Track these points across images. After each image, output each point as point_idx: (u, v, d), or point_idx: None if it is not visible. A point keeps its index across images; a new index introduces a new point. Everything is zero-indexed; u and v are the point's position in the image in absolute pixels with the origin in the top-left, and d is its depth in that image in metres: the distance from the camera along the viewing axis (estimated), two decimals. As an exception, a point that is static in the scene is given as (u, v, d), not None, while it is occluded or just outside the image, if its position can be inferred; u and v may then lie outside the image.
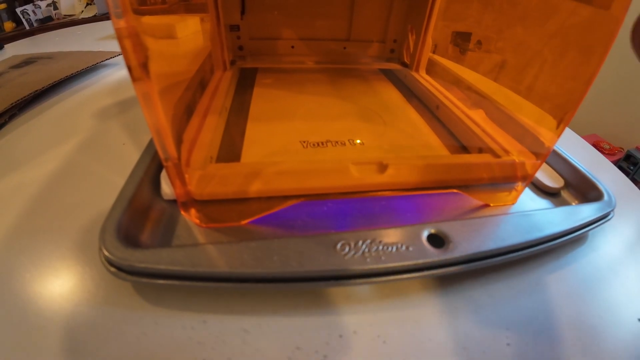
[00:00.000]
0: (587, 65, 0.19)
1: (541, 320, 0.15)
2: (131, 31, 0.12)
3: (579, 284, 0.17)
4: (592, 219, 0.19)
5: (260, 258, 0.13)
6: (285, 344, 0.13)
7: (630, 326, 0.15)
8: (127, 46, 0.12)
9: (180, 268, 0.13)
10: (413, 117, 0.30)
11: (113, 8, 0.11)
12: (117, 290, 0.15)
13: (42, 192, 0.21)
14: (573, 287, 0.17)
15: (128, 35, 0.12)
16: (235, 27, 0.36)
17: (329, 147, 0.24)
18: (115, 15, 0.11)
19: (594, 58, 0.18)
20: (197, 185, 0.18)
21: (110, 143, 0.26)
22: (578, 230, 0.18)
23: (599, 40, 0.18)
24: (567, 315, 0.15)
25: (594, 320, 0.15)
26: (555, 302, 0.16)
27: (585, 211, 0.19)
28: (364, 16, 0.38)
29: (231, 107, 0.29)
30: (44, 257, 0.17)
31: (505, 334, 0.14)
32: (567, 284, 0.17)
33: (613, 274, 0.18)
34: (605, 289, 0.17)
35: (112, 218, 0.15)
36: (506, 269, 0.17)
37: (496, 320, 0.15)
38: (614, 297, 0.16)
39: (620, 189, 0.26)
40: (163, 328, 0.13)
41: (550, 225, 0.17)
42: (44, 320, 0.14)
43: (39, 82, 0.37)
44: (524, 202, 0.21)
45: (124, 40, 0.12)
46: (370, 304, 0.15)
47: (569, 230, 0.18)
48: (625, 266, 0.18)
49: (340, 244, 0.14)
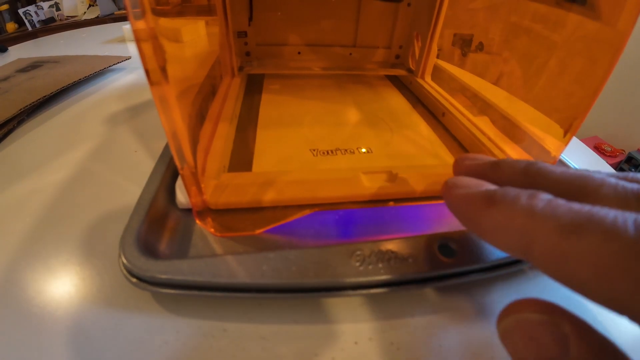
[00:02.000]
0: (594, 76, 0.19)
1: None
2: (151, 33, 0.11)
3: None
4: None
5: (279, 269, 0.13)
6: (303, 351, 0.13)
7: (635, 331, 0.15)
8: (146, 49, 0.11)
9: (202, 279, 0.13)
10: (419, 124, 0.30)
11: (132, 8, 0.11)
12: (136, 299, 0.15)
13: (53, 199, 0.22)
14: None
15: (147, 37, 0.11)
16: (243, 33, 0.36)
17: (338, 155, 0.24)
18: (134, 15, 0.11)
19: (600, 70, 0.19)
20: (212, 194, 0.18)
21: (122, 150, 0.27)
22: None
23: (605, 53, 0.18)
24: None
25: (606, 329, 0.16)
26: (569, 309, 0.16)
27: None
28: (370, 22, 0.39)
29: (240, 113, 0.30)
30: (60, 265, 0.17)
31: (515, 341, 0.15)
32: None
33: None
34: None
35: (131, 228, 0.16)
36: (516, 277, 0.17)
37: (506, 328, 0.15)
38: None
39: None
40: (184, 336, 0.14)
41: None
42: (64, 329, 0.14)
43: (47, 88, 0.38)
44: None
45: (143, 43, 0.11)
46: (384, 312, 0.15)
47: None
48: None
49: (355, 255, 0.14)
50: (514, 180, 0.12)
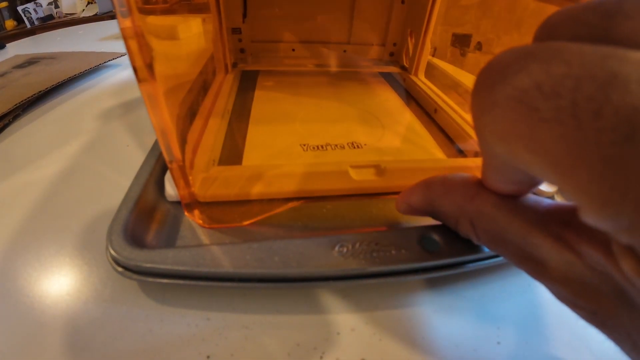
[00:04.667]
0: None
1: (532, 320, 0.16)
2: (137, 31, 0.12)
3: None
4: None
5: (263, 259, 0.13)
6: (285, 340, 0.14)
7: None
8: (133, 46, 0.12)
9: (186, 268, 0.13)
10: (411, 121, 0.30)
11: (118, 7, 0.11)
12: (123, 289, 0.16)
13: (46, 192, 0.22)
14: None
15: (134, 35, 0.12)
16: (237, 29, 0.37)
17: (328, 150, 0.24)
18: (120, 14, 0.11)
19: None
20: (200, 187, 0.18)
21: (114, 144, 0.27)
22: None
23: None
24: (558, 316, 0.16)
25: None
26: (547, 302, 0.17)
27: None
28: (364, 19, 0.39)
29: (233, 109, 0.30)
30: (50, 256, 0.17)
31: (496, 332, 0.15)
32: None
33: None
34: None
35: (119, 219, 0.16)
36: (499, 271, 0.18)
37: (488, 319, 0.15)
38: None
39: None
40: (168, 325, 0.14)
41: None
42: (52, 318, 0.14)
43: (43, 83, 0.38)
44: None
45: (130, 41, 0.11)
46: (367, 303, 0.15)
47: None
48: None
49: (339, 246, 0.14)
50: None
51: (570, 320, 0.16)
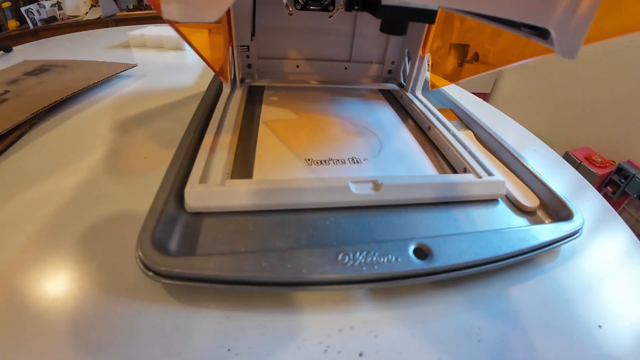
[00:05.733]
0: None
1: (510, 321, 0.18)
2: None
3: (548, 292, 0.20)
4: (561, 236, 0.21)
5: (277, 266, 0.16)
6: (295, 336, 0.16)
7: (592, 331, 0.18)
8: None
9: (211, 273, 0.15)
10: (407, 137, 0.33)
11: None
12: (150, 292, 0.18)
13: (67, 202, 0.23)
14: (542, 294, 0.19)
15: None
16: (245, 47, 0.39)
17: (330, 165, 0.27)
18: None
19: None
20: (216, 199, 0.21)
21: (132, 156, 0.29)
22: (548, 246, 0.21)
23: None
24: (535, 319, 0.18)
25: (560, 324, 0.18)
26: (525, 307, 0.19)
27: (555, 229, 0.21)
28: (365, 39, 0.42)
29: (242, 124, 0.32)
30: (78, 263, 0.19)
31: (477, 332, 0.17)
32: (537, 292, 0.20)
33: (579, 285, 0.20)
34: (572, 297, 0.19)
35: (147, 228, 0.18)
36: (482, 278, 0.20)
37: (470, 320, 0.18)
38: (579, 305, 0.19)
39: (595, 205, 0.29)
40: (194, 322, 0.16)
41: (522, 240, 0.20)
42: (86, 318, 0.16)
43: (59, 93, 0.40)
44: (503, 220, 0.24)
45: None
46: (365, 305, 0.18)
47: (539, 245, 0.21)
48: (591, 277, 0.21)
49: (341, 255, 0.17)
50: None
51: (547, 323, 0.18)
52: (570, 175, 0.33)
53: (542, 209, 0.26)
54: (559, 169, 0.34)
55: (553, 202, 0.25)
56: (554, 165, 0.35)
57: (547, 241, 0.21)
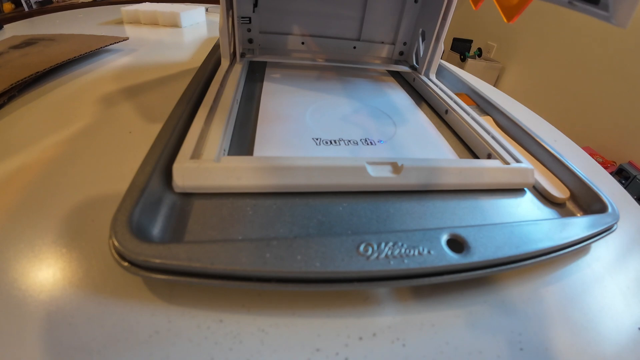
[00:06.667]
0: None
1: (551, 326, 0.15)
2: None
3: (583, 292, 0.17)
4: (597, 231, 0.19)
5: (284, 257, 0.12)
6: (304, 345, 0.13)
7: (632, 334, 0.15)
8: None
9: (199, 265, 0.12)
10: (422, 120, 0.30)
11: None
12: (125, 285, 0.14)
13: (42, 177, 0.21)
14: (576, 294, 0.17)
15: None
16: (247, 19, 0.35)
17: (342, 146, 0.24)
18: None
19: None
20: (208, 177, 0.17)
21: (116, 131, 0.25)
22: (584, 242, 0.18)
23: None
24: (574, 322, 0.15)
25: (599, 327, 0.15)
26: (562, 308, 0.16)
27: (591, 223, 0.19)
28: (376, 17, 0.38)
29: (241, 100, 0.29)
30: (45, 246, 0.16)
31: (518, 338, 0.14)
32: (571, 292, 0.17)
33: (614, 284, 0.18)
34: (607, 297, 0.17)
35: (124, 209, 0.15)
36: (516, 276, 0.17)
37: (509, 324, 0.15)
38: (617, 306, 0.17)
39: (618, 200, 0.26)
40: (177, 327, 0.13)
41: (563, 233, 0.18)
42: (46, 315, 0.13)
43: (40, 64, 0.36)
44: (532, 211, 0.21)
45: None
46: (389, 307, 0.14)
47: (576, 240, 0.18)
48: (629, 276, 0.18)
49: (363, 246, 0.13)
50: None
51: (585, 325, 0.15)
52: (592, 167, 0.30)
53: (572, 201, 0.23)
54: (582, 161, 0.31)
55: (584, 194, 0.23)
56: (576, 157, 0.32)
57: (586, 235, 0.18)
